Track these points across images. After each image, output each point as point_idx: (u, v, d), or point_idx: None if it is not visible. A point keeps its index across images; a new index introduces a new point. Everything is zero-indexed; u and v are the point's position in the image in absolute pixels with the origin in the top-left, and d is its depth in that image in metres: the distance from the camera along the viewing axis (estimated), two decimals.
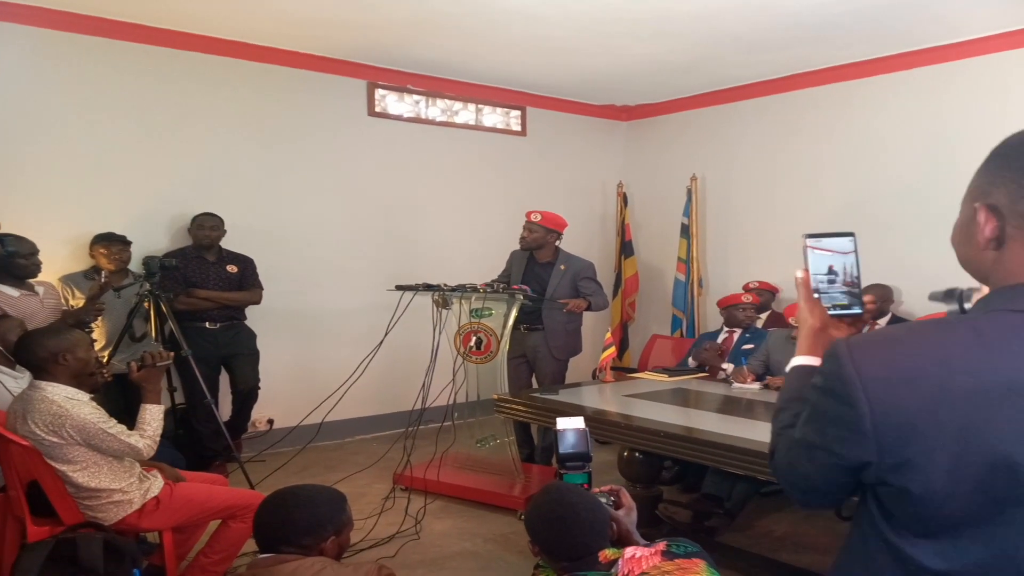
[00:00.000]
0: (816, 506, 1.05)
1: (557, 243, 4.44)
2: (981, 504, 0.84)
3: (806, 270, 1.09)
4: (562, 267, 4.38)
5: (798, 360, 1.10)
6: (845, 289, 1.07)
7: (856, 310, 1.07)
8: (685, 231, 5.94)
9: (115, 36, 4.30)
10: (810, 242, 1.08)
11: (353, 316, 5.17)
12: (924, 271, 4.49)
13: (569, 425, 1.98)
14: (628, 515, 1.80)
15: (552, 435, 2.00)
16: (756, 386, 3.84)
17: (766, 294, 5.12)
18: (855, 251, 1.07)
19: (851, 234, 1.07)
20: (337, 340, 5.11)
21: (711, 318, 4.83)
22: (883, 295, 4.46)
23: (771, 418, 1.09)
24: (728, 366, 4.21)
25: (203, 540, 2.80)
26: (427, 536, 3.50)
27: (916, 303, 4.63)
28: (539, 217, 4.34)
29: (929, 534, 0.88)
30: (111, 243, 4.04)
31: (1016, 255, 0.89)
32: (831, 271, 1.07)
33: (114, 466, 2.51)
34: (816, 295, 1.09)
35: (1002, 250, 0.90)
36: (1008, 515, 0.83)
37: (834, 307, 1.07)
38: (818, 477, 0.96)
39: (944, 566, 0.87)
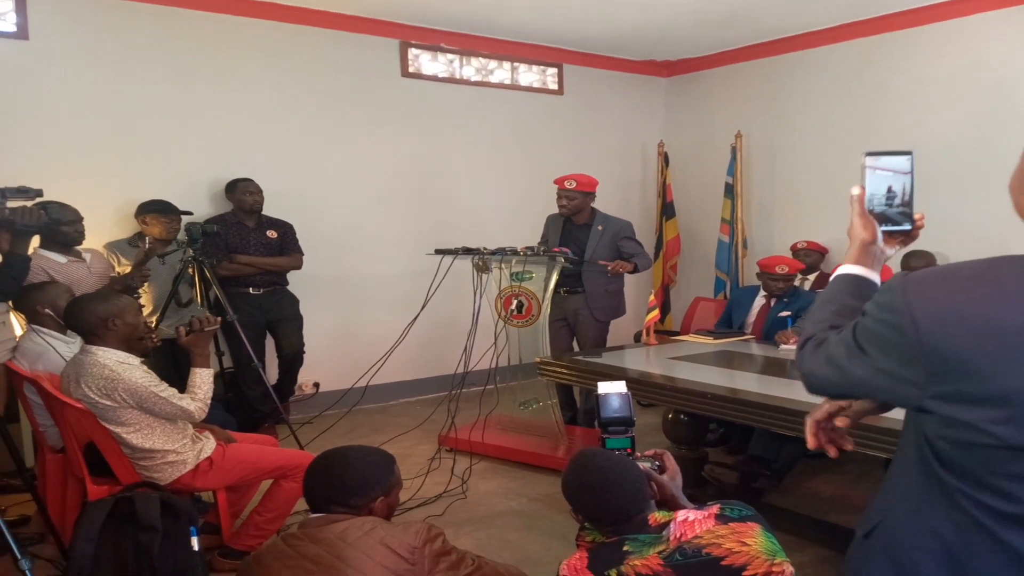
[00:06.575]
0: (823, 393, 1.10)
1: (592, 204, 4.37)
2: None
3: (863, 187, 1.12)
4: (599, 228, 4.31)
5: (846, 268, 1.14)
6: (899, 209, 1.11)
7: (906, 226, 1.12)
8: (729, 191, 5.78)
9: (150, 0, 4.29)
10: (869, 160, 1.11)
11: (392, 281, 5.18)
12: (974, 228, 4.31)
13: (611, 389, 1.92)
14: (673, 479, 1.77)
15: (594, 399, 1.95)
16: None
17: (814, 255, 4.98)
18: (911, 171, 1.10)
19: (909, 153, 1.10)
20: (378, 304, 5.14)
21: (755, 280, 4.71)
22: (928, 262, 4.29)
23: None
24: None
25: (256, 499, 2.86)
26: (473, 495, 3.54)
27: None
28: (574, 184, 4.25)
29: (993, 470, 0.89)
30: (167, 213, 4.05)
31: None
32: (890, 191, 1.11)
33: (167, 428, 2.56)
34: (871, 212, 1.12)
35: None
36: None
37: (886, 222, 1.12)
38: (848, 374, 0.99)
39: (1012, 509, 0.88)
